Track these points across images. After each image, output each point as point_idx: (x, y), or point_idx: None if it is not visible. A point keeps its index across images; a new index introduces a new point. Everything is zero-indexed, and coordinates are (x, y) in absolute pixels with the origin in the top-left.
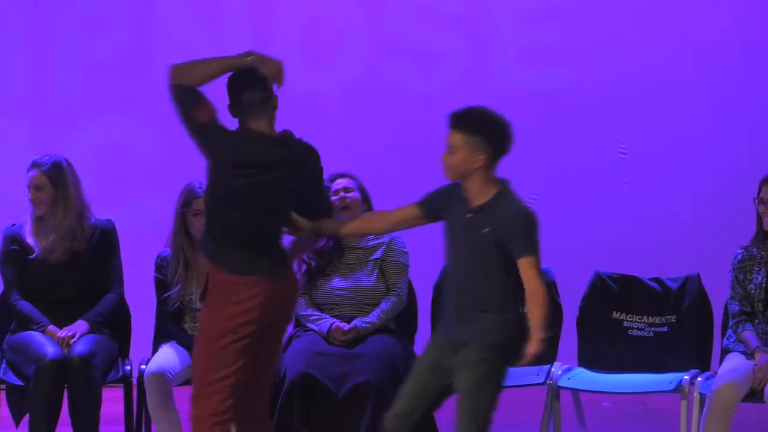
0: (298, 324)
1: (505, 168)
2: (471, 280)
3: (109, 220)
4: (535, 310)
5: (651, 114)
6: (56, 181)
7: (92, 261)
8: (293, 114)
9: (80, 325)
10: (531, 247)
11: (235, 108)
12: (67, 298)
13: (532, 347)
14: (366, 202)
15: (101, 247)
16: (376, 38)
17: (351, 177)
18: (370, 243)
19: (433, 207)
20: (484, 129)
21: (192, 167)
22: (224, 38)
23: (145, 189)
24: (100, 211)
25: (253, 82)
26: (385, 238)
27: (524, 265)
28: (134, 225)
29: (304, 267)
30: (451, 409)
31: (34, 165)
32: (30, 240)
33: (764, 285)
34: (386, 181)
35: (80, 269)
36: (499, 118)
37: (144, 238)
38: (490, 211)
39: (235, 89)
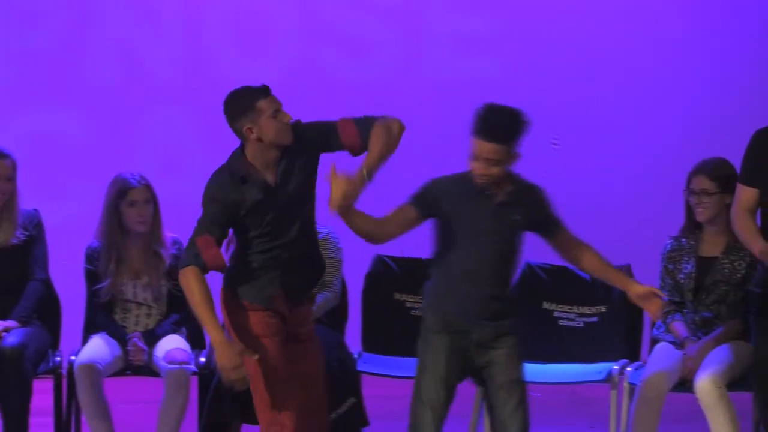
0: None
1: (437, 159)
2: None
3: (35, 210)
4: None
5: (582, 104)
6: (15, 172)
7: (23, 252)
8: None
9: (9, 324)
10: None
11: None
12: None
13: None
14: None
15: (29, 238)
16: (308, 28)
17: None
18: None
19: (427, 203)
20: (516, 134)
21: (123, 159)
22: (158, 29)
23: (76, 180)
24: (31, 203)
25: None
26: (321, 234)
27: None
28: (65, 216)
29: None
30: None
31: (1, 155)
32: None
33: (693, 275)
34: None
35: (12, 261)
36: (519, 115)
37: (74, 230)
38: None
39: None
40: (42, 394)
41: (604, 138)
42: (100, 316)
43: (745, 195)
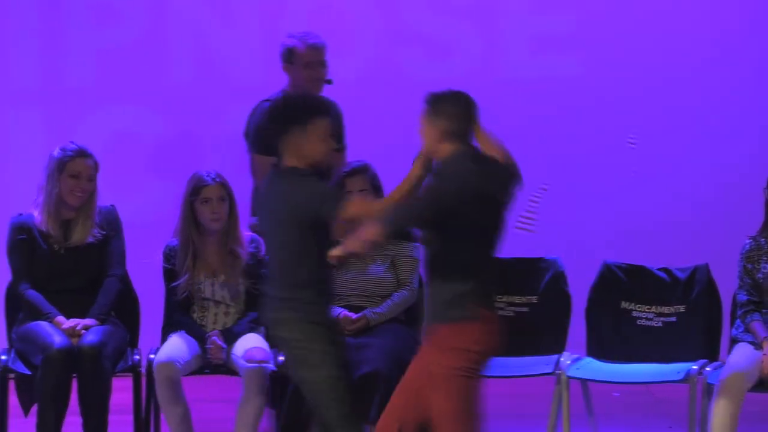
0: None
1: (514, 157)
2: None
3: (112, 206)
4: None
5: (661, 103)
6: (96, 172)
7: (101, 249)
8: None
9: (88, 322)
10: None
11: None
12: (78, 287)
13: None
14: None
15: (107, 234)
16: (387, 27)
17: (364, 172)
18: None
19: None
20: None
21: (202, 157)
22: (235, 28)
23: (156, 178)
24: (110, 201)
25: None
26: None
27: None
28: (144, 214)
29: None
30: None
31: (85, 154)
32: (45, 229)
33: None
34: (399, 171)
35: (90, 258)
36: None
37: (154, 228)
38: None
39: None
40: (121, 392)
41: (682, 137)
42: (179, 315)
43: None
